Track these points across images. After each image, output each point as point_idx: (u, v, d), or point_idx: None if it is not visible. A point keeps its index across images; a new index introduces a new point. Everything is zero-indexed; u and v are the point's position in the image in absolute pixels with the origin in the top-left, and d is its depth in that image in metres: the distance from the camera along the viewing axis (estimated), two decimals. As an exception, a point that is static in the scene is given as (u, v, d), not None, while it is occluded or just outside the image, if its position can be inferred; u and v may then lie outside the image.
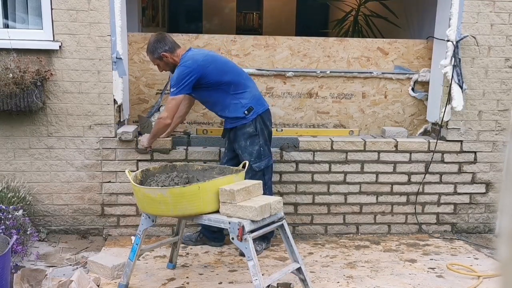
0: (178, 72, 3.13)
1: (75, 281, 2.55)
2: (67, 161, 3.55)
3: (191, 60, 3.16)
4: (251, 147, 3.24)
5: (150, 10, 6.19)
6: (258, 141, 3.26)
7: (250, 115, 3.23)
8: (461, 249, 3.60)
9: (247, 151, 3.24)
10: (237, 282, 2.94)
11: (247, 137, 3.24)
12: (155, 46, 3.22)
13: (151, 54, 3.27)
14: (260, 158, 3.24)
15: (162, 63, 3.27)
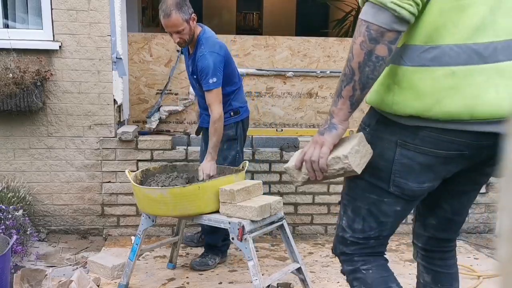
0: (213, 59, 2.77)
1: (75, 281, 2.55)
2: (67, 161, 3.55)
3: (218, 46, 2.84)
4: (227, 151, 3.02)
5: (150, 10, 6.19)
6: (235, 146, 3.05)
7: (234, 118, 3.01)
8: (461, 249, 3.60)
9: (222, 154, 2.99)
10: (237, 282, 2.94)
11: (225, 140, 2.97)
12: (185, 3, 2.76)
13: (179, 14, 2.73)
14: (233, 165, 2.99)
15: (188, 28, 2.78)
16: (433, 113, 1.35)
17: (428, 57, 1.34)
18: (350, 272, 1.61)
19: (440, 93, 1.33)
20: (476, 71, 1.30)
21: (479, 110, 1.32)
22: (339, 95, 1.39)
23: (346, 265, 1.61)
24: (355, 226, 1.56)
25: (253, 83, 3.96)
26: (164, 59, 3.86)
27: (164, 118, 3.90)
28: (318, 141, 1.43)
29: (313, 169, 1.44)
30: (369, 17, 1.29)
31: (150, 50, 3.84)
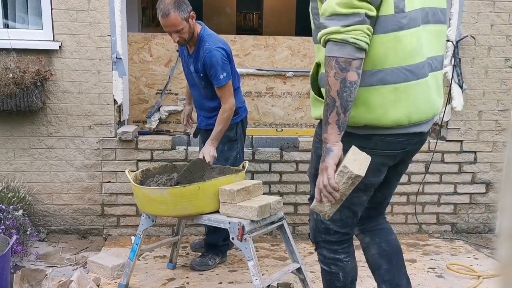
0: (220, 55, 2.79)
1: (75, 281, 2.55)
2: (67, 161, 3.55)
3: (222, 42, 2.88)
4: (228, 152, 3.02)
5: (150, 10, 6.19)
6: (236, 147, 3.05)
7: (234, 119, 2.98)
8: (461, 249, 3.60)
9: (224, 156, 3.00)
10: (237, 282, 2.94)
11: (226, 141, 2.99)
12: (181, 2, 2.73)
13: (177, 12, 2.70)
14: (235, 165, 2.98)
15: (187, 27, 2.76)
16: (382, 122, 1.70)
17: (375, 79, 1.67)
18: (331, 258, 1.97)
19: (387, 105, 1.68)
20: (412, 86, 1.69)
21: (415, 117, 1.73)
22: (327, 123, 1.63)
23: (327, 251, 1.97)
24: (334, 217, 1.85)
25: (253, 83, 3.96)
26: (164, 59, 3.86)
27: (164, 118, 3.90)
28: (323, 168, 1.65)
29: (329, 192, 1.63)
30: (335, 52, 1.57)
31: (150, 50, 3.84)
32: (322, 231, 1.95)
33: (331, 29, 1.58)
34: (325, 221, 1.91)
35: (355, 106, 1.66)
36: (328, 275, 2.01)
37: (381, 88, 1.67)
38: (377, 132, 1.73)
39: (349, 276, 2.00)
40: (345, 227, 1.94)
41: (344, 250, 1.97)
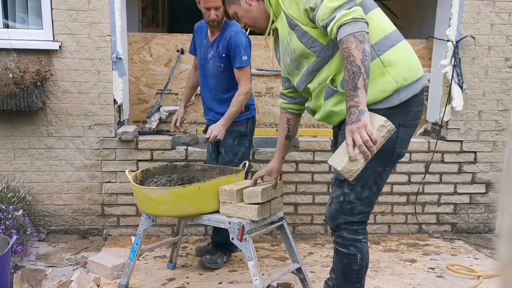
0: (246, 39, 2.90)
1: (75, 281, 2.55)
2: (67, 161, 3.55)
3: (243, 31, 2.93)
4: (237, 147, 3.05)
5: (150, 10, 6.19)
6: (245, 143, 3.09)
7: (245, 114, 3.06)
8: (461, 249, 3.60)
9: (232, 150, 3.04)
10: (237, 282, 2.94)
11: (236, 136, 3.04)
12: None
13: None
14: (242, 160, 2.98)
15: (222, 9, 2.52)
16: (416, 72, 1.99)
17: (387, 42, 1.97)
18: (351, 239, 2.10)
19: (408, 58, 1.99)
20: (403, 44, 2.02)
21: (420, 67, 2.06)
22: (356, 88, 1.81)
23: (348, 232, 2.10)
24: (363, 195, 2.05)
25: (253, 83, 3.95)
26: (164, 59, 3.86)
27: (164, 118, 3.90)
28: (360, 126, 1.81)
29: (367, 147, 1.81)
30: (350, 30, 1.81)
31: (150, 50, 3.84)
32: (346, 212, 2.07)
33: (339, 14, 1.82)
34: (353, 201, 2.05)
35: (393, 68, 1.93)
36: (346, 258, 2.11)
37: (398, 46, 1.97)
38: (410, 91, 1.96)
39: (365, 258, 2.12)
40: (369, 206, 2.10)
41: (363, 231, 2.11)
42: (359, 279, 2.16)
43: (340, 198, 2.08)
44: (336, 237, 2.14)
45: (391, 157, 2.03)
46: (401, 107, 1.96)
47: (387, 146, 1.94)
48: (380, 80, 1.93)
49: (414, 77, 1.97)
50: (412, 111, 2.00)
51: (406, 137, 2.04)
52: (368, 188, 2.05)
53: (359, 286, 2.17)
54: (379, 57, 1.93)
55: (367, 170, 1.96)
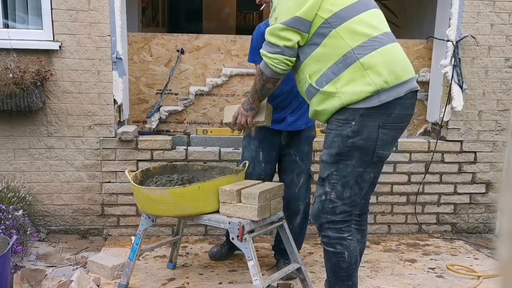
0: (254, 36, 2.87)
1: (75, 281, 2.55)
2: (67, 161, 3.55)
3: None
4: (311, 154, 2.97)
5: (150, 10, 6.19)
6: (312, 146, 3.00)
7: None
8: (461, 249, 3.60)
9: (308, 157, 2.93)
10: (237, 282, 2.94)
11: (311, 142, 2.94)
12: None
13: None
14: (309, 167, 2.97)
15: None
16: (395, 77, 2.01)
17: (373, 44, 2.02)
18: (336, 238, 2.15)
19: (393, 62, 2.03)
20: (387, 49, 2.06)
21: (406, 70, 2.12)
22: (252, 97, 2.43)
23: (332, 231, 2.15)
24: (344, 195, 2.12)
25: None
26: (164, 59, 3.86)
27: (164, 118, 3.90)
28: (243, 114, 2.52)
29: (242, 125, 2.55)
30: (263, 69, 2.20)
31: (150, 50, 3.84)
32: (328, 211, 2.13)
33: (262, 51, 2.15)
34: (335, 200, 2.11)
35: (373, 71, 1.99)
36: (333, 257, 2.16)
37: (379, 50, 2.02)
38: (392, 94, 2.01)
39: (353, 255, 2.16)
40: (351, 206, 2.15)
41: (348, 229, 2.16)
42: (349, 276, 2.18)
43: (322, 197, 2.15)
44: (322, 237, 2.20)
45: (371, 158, 2.09)
46: (382, 108, 2.01)
47: (368, 147, 2.05)
48: (359, 81, 1.99)
49: (397, 81, 2.01)
50: (395, 114, 2.04)
51: (387, 139, 2.08)
52: (350, 188, 2.11)
53: (351, 284, 2.20)
54: (359, 60, 1.99)
55: (347, 169, 2.09)
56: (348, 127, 2.05)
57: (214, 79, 3.88)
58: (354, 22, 2.03)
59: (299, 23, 2.03)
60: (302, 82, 2.20)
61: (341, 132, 2.07)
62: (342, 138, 2.07)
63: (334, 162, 2.10)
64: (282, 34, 2.04)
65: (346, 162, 2.09)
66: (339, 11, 2.03)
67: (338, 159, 2.09)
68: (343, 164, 2.09)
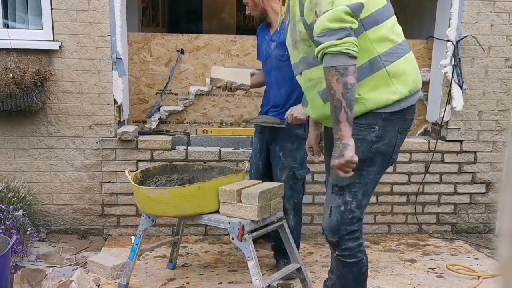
0: None
1: (75, 281, 2.55)
2: (67, 161, 3.55)
3: None
4: (296, 151, 2.91)
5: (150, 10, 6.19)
6: (303, 146, 2.79)
7: None
8: (461, 249, 3.60)
9: (291, 154, 2.91)
10: (237, 282, 2.94)
11: (295, 139, 2.90)
12: None
13: None
14: (302, 165, 2.95)
15: (252, 3, 2.90)
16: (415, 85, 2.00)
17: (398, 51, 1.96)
18: (356, 247, 2.07)
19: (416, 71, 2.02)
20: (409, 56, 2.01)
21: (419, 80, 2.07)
22: (338, 122, 1.84)
23: (351, 242, 2.06)
24: (363, 203, 2.05)
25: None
26: (164, 59, 3.86)
27: (164, 118, 3.90)
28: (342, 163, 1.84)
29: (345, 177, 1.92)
30: (334, 62, 1.81)
31: (150, 50, 3.84)
32: (347, 223, 2.03)
33: (326, 43, 1.80)
34: (354, 210, 2.03)
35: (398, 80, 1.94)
36: (355, 266, 2.09)
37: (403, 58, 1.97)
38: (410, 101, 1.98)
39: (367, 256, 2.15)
40: (363, 213, 2.12)
41: (361, 235, 2.12)
42: (366, 277, 2.17)
43: (341, 208, 2.02)
44: (342, 251, 2.07)
45: (388, 164, 2.07)
46: (400, 113, 1.99)
47: (388, 152, 2.02)
48: (384, 89, 1.94)
49: (415, 89, 2.01)
50: (408, 119, 2.04)
51: (400, 144, 2.08)
52: (368, 195, 2.06)
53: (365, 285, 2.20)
54: (385, 67, 1.92)
55: (368, 177, 2.02)
56: (371, 131, 1.97)
57: (214, 79, 3.87)
58: (383, 27, 1.94)
59: (360, 12, 1.86)
60: (317, 81, 2.00)
61: (365, 137, 1.97)
62: (367, 144, 1.98)
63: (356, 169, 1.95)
64: (348, 18, 1.81)
65: (369, 169, 2.01)
66: (374, 12, 1.92)
67: (361, 166, 1.96)
68: (366, 171, 2.01)
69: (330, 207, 2.05)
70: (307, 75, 2.05)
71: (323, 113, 2.06)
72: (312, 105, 2.12)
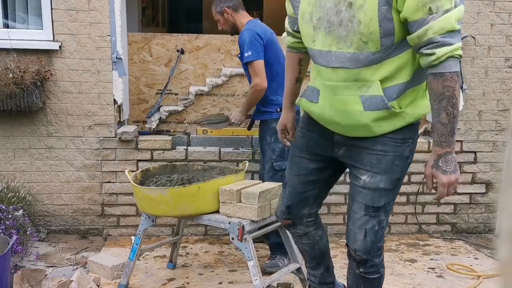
0: (248, 35, 3.03)
1: (75, 281, 2.55)
2: (67, 161, 3.55)
3: (261, 28, 3.12)
4: (274, 144, 3.06)
5: (150, 10, 6.19)
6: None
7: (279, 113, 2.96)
8: (461, 249, 3.60)
9: (271, 147, 3.09)
10: (237, 282, 2.94)
11: (272, 133, 3.05)
12: (220, 0, 3.21)
13: (214, 7, 3.23)
14: (282, 157, 3.04)
15: (223, 19, 3.21)
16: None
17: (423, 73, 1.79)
18: (380, 262, 2.00)
19: None
20: None
21: None
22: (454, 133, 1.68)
23: (378, 257, 1.98)
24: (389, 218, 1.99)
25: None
26: (164, 59, 3.86)
27: (164, 118, 3.91)
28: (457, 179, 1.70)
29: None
30: (456, 68, 1.63)
31: (150, 50, 3.84)
32: (379, 240, 1.94)
33: (455, 46, 1.61)
34: (385, 226, 1.95)
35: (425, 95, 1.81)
36: (377, 281, 2.02)
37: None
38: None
39: None
40: None
41: None
42: None
43: (375, 228, 1.91)
44: (368, 268, 1.97)
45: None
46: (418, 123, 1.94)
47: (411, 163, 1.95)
48: (420, 103, 1.83)
49: None
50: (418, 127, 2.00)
51: None
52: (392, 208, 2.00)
53: None
54: (426, 80, 1.79)
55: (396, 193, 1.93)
56: (407, 146, 1.86)
57: (214, 79, 3.88)
58: None
59: None
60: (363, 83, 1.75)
61: (402, 154, 1.84)
62: (404, 161, 1.86)
63: (394, 188, 1.87)
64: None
65: (401, 185, 1.93)
66: None
67: (398, 184, 1.88)
68: (399, 188, 1.92)
69: (364, 229, 1.91)
70: (349, 73, 1.75)
71: (355, 121, 1.80)
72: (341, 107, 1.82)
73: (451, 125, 1.66)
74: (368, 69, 1.73)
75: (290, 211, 2.13)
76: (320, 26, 1.76)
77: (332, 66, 1.78)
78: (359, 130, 1.83)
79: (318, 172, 2.06)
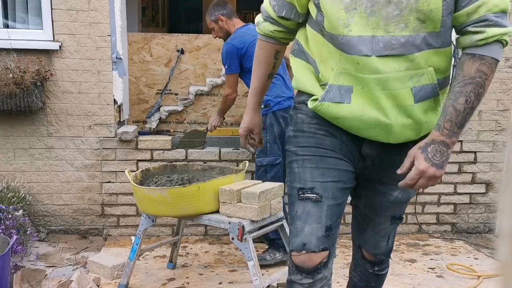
0: (226, 49, 3.15)
1: (75, 281, 2.55)
2: (67, 161, 3.55)
3: (238, 39, 3.17)
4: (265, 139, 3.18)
5: (150, 10, 6.19)
6: (265, 136, 3.10)
7: (264, 111, 3.08)
8: (461, 249, 3.60)
9: None
10: (237, 282, 2.95)
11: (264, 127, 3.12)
12: (214, 8, 3.32)
13: (208, 16, 3.34)
14: (265, 154, 3.13)
15: (217, 27, 3.31)
16: None
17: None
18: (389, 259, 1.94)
19: None
20: None
21: None
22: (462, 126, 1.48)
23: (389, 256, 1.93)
24: None
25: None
26: (164, 59, 3.86)
27: (164, 118, 3.91)
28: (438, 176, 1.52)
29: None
30: (499, 55, 1.40)
31: (150, 50, 3.84)
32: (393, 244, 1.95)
33: (508, 29, 1.38)
34: None
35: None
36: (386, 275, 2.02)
37: None
38: None
39: None
40: None
41: None
42: None
43: (395, 230, 1.89)
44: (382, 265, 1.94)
45: None
46: None
47: None
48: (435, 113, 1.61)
49: None
50: None
51: None
52: None
53: None
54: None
55: None
56: None
57: (214, 79, 3.88)
58: None
59: None
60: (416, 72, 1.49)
61: None
62: None
63: None
64: None
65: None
66: None
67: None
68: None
69: (388, 236, 1.83)
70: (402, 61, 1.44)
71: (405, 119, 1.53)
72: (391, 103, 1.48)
73: (464, 116, 1.44)
74: (423, 54, 1.47)
75: (330, 234, 1.58)
76: (356, 6, 1.39)
77: (379, 55, 1.42)
78: (405, 131, 1.54)
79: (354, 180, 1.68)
